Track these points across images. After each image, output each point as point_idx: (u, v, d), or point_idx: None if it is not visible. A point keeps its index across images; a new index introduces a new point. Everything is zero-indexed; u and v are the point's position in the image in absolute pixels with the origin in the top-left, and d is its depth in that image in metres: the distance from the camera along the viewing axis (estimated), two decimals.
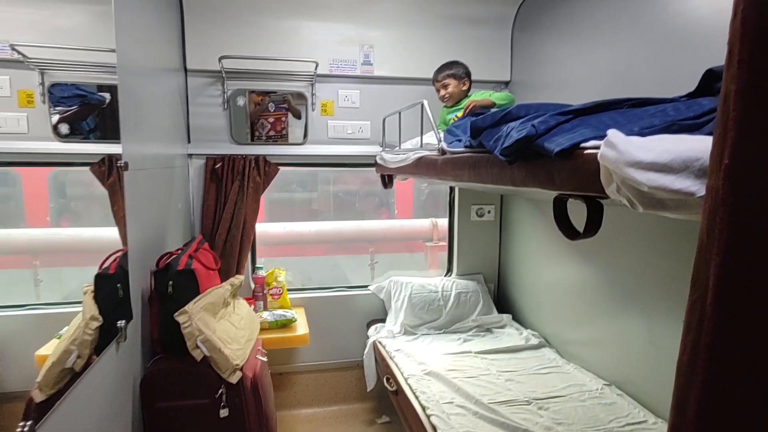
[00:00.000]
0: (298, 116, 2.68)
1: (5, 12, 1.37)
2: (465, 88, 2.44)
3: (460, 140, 1.71)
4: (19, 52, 1.37)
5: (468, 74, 2.47)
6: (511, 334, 2.67)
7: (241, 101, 2.62)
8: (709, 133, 0.91)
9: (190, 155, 2.59)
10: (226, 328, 1.86)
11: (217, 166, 2.57)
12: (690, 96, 1.08)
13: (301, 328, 2.51)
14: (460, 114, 2.30)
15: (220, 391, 1.72)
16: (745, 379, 0.39)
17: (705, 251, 0.42)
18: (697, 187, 0.73)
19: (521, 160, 1.11)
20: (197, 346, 1.69)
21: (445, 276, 3.10)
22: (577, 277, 2.33)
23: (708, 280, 0.41)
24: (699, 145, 0.75)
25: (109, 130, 1.67)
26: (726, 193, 0.39)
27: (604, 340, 2.15)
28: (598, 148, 0.90)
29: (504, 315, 2.84)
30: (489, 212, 3.04)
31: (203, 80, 2.57)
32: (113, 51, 1.62)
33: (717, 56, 1.46)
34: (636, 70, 1.89)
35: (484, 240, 3.08)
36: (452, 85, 2.42)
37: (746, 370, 0.39)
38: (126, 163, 1.57)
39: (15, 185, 1.60)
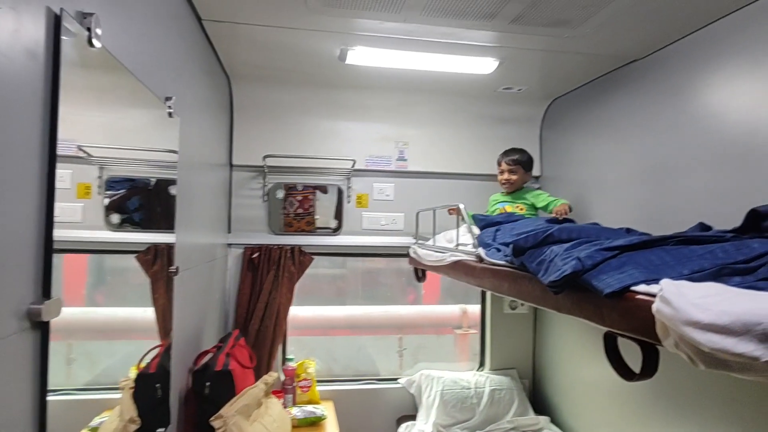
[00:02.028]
0: (325, 191, 2.76)
1: (78, 116, 1.52)
2: (527, 180, 2.47)
3: (498, 250, 1.73)
4: (84, 152, 1.50)
5: (532, 167, 2.50)
6: None
7: (280, 194, 2.75)
8: (765, 279, 0.92)
9: (229, 245, 2.68)
10: (260, 430, 1.83)
11: (254, 255, 2.64)
12: (735, 232, 1.09)
13: (331, 426, 2.43)
14: (509, 208, 2.35)
15: None
16: None
17: None
18: (761, 352, 0.73)
19: (568, 290, 1.12)
20: None
21: (478, 370, 3.01)
22: (619, 380, 2.20)
23: None
24: (757, 307, 0.76)
25: (154, 216, 1.75)
26: None
27: None
28: (649, 294, 0.91)
29: (541, 417, 2.70)
30: (522, 305, 3.00)
31: (246, 174, 2.72)
32: (170, 151, 1.73)
33: (752, 162, 1.49)
34: (664, 170, 1.93)
35: (518, 333, 3.01)
36: (519, 173, 2.43)
37: None
38: (177, 268, 1.64)
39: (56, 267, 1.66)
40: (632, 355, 1.04)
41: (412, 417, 2.76)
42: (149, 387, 1.64)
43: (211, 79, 2.20)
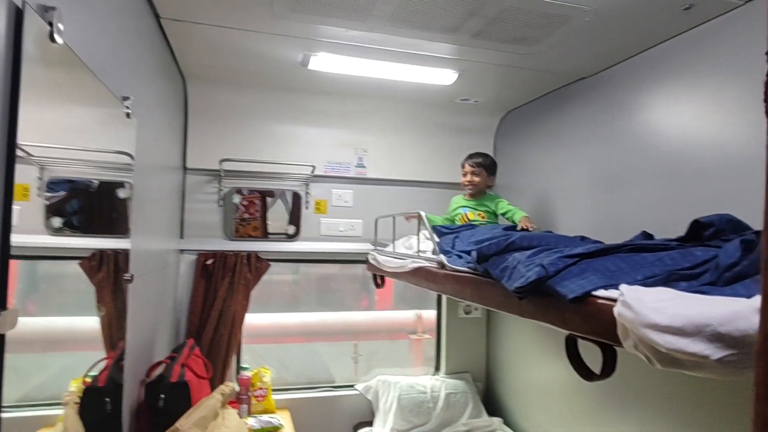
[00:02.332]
0: (272, 195, 2.71)
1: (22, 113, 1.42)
2: (491, 184, 2.48)
3: (460, 256, 1.78)
4: (24, 150, 1.40)
5: (495, 172, 2.50)
6: None
7: (236, 198, 2.68)
8: (710, 283, 1.00)
9: (182, 251, 2.58)
10: None
11: (209, 261, 2.56)
12: (679, 241, 1.19)
13: None
14: (470, 215, 2.40)
15: None
16: None
17: None
18: (711, 351, 0.80)
19: (531, 295, 1.17)
20: None
21: (433, 374, 3.06)
22: (570, 381, 2.34)
23: None
24: (707, 310, 0.83)
25: (96, 220, 1.66)
26: None
27: None
28: (609, 298, 0.97)
29: (494, 419, 2.79)
30: (476, 309, 3.09)
31: (201, 178, 2.63)
32: (121, 153, 1.65)
33: (687, 175, 1.61)
34: (611, 181, 2.07)
35: (472, 337, 3.09)
36: (482, 176, 2.43)
37: None
38: (132, 275, 1.57)
39: None
40: (591, 356, 1.10)
41: (369, 423, 2.77)
42: (98, 401, 1.55)
43: (166, 80, 2.12)
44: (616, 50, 1.96)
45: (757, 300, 0.84)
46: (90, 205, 1.69)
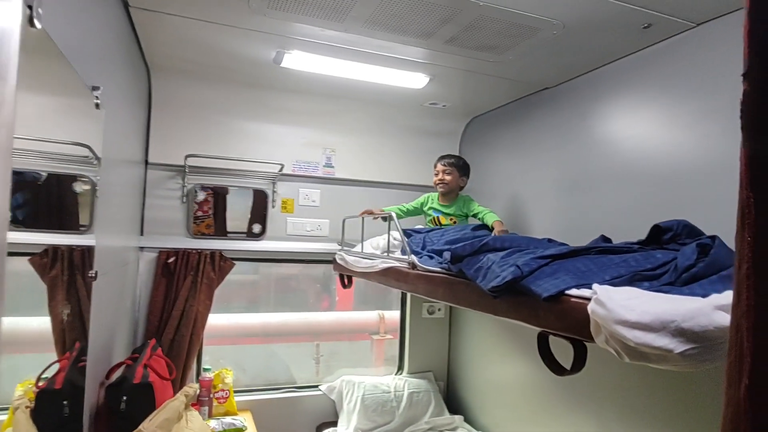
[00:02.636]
0: (226, 193, 2.65)
1: None
2: (462, 185, 2.50)
3: (431, 257, 1.82)
4: None
5: (468, 174, 2.51)
6: None
7: (200, 195, 2.62)
8: (669, 284, 1.08)
9: (142, 248, 2.49)
10: None
11: (170, 260, 2.49)
12: (641, 244, 1.28)
13: None
14: (443, 219, 2.44)
15: None
16: None
17: None
18: (674, 345, 0.87)
19: (505, 294, 1.22)
20: None
21: (396, 374, 3.10)
22: (527, 378, 2.44)
23: None
24: (671, 307, 0.90)
25: (45, 214, 1.58)
26: (746, 406, 0.50)
27: None
28: (582, 297, 1.03)
29: (456, 416, 2.85)
30: (439, 310, 3.15)
31: (163, 173, 2.55)
32: (80, 144, 1.58)
33: (642, 183, 1.71)
34: (574, 186, 2.17)
35: (434, 337, 3.15)
36: (454, 176, 2.44)
37: None
38: (96, 273, 1.50)
39: None
40: (559, 353, 1.16)
41: (333, 423, 2.77)
42: (54, 405, 1.48)
43: (131, 70, 2.04)
44: (580, 63, 2.07)
45: (715, 298, 0.92)
46: (37, 198, 1.60)
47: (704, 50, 1.65)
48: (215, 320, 3.36)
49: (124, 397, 1.65)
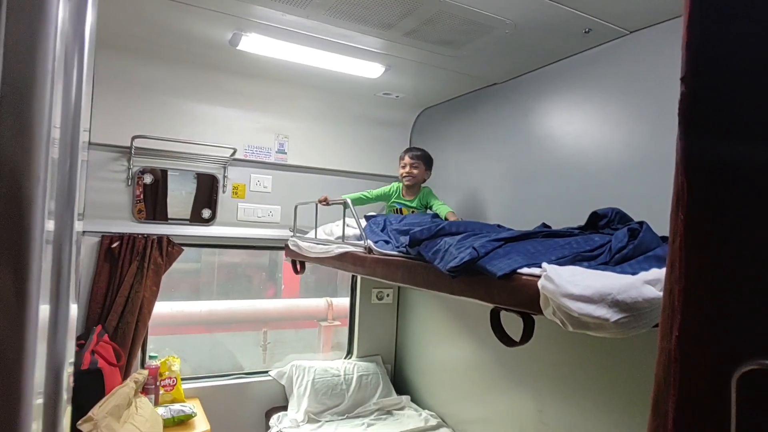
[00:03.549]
0: (158, 177, 2.56)
1: None
2: (426, 178, 2.55)
3: (387, 242, 1.89)
4: None
5: (432, 167, 2.57)
6: (411, 416, 2.79)
7: (148, 179, 2.52)
8: (604, 263, 1.21)
9: (83, 232, 2.37)
10: None
11: (114, 245, 2.39)
12: (582, 229, 1.42)
13: (201, 424, 2.33)
14: (405, 212, 2.49)
15: None
16: None
17: (662, 391, 0.63)
18: (610, 315, 0.99)
19: (462, 275, 1.31)
20: None
21: (346, 358, 3.16)
22: (470, 358, 2.59)
23: (667, 412, 0.61)
24: (608, 283, 1.02)
25: None
26: (676, 355, 0.60)
27: (497, 417, 2.40)
28: (531, 275, 1.14)
29: (403, 397, 2.96)
30: (388, 296, 3.24)
31: (106, 154, 2.44)
32: None
33: (579, 176, 1.88)
34: (517, 178, 2.33)
35: (383, 322, 3.24)
36: (420, 168, 2.49)
37: None
38: None
39: None
40: (509, 327, 1.28)
41: (283, 408, 2.79)
42: None
43: None
44: (527, 62, 2.21)
45: (643, 275, 1.05)
46: None
47: (635, 56, 1.83)
48: (157, 308, 3.27)
49: (72, 384, 1.59)
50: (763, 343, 0.58)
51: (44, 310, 0.63)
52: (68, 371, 0.75)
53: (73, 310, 0.73)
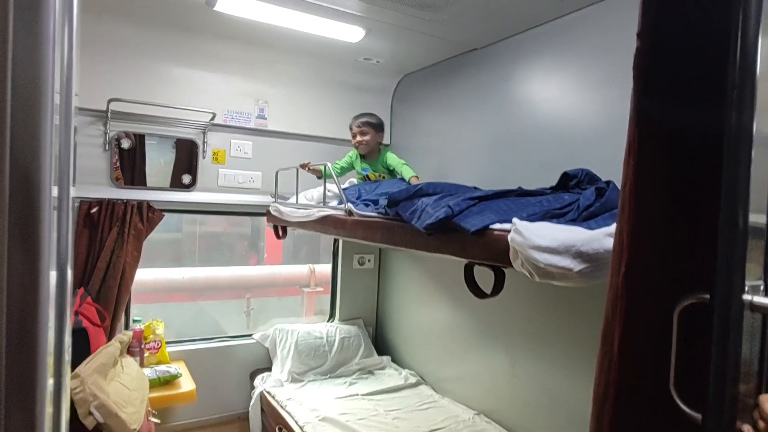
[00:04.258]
0: (136, 142, 2.53)
1: None
2: (380, 141, 2.60)
3: (367, 205, 1.93)
4: None
5: (383, 129, 2.63)
6: (392, 375, 2.90)
7: (125, 143, 2.50)
8: (572, 220, 1.28)
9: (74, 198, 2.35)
10: (119, 390, 1.74)
11: (93, 210, 2.39)
12: (553, 189, 1.48)
13: (187, 384, 2.40)
14: (371, 176, 2.53)
15: None
16: (640, 401, 0.66)
17: (610, 323, 0.69)
18: (574, 265, 1.06)
19: (437, 233, 1.37)
20: (90, 413, 1.56)
21: (328, 321, 3.24)
22: (447, 320, 2.69)
23: (613, 341, 0.68)
24: (573, 235, 1.09)
25: None
26: (623, 290, 0.67)
27: (473, 374, 2.51)
28: (503, 230, 1.20)
29: (384, 357, 3.07)
30: (369, 261, 3.31)
31: (82, 119, 2.39)
32: None
33: (556, 140, 1.94)
34: (496, 143, 2.37)
35: (364, 286, 3.32)
36: (371, 134, 2.54)
37: (640, 397, 0.66)
38: None
39: None
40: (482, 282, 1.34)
41: (267, 369, 2.87)
42: None
43: None
44: (505, 27, 2.22)
45: (606, 229, 1.12)
46: None
47: (610, 21, 1.86)
48: (141, 275, 3.28)
49: None
50: (702, 279, 0.65)
51: (53, 276, 0.65)
52: (68, 334, 0.78)
53: (70, 275, 0.76)
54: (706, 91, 0.65)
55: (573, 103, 2.02)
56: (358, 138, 2.56)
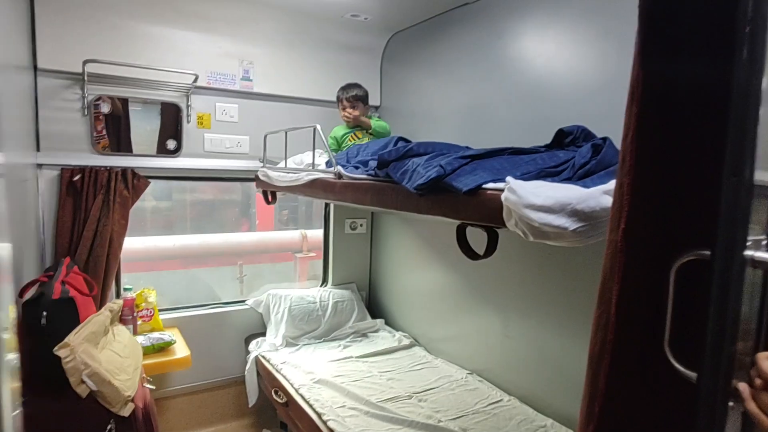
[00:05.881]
0: (118, 108, 2.43)
1: None
2: (367, 113, 2.61)
3: (356, 167, 1.88)
4: None
5: (368, 101, 2.67)
6: (385, 337, 2.93)
7: (105, 107, 2.40)
8: (567, 179, 1.24)
9: (39, 165, 2.28)
10: (111, 358, 1.73)
11: (76, 178, 2.32)
12: (548, 147, 1.43)
13: (181, 350, 2.40)
14: (359, 134, 2.50)
15: (108, 427, 1.60)
16: (635, 360, 0.64)
17: (608, 281, 0.67)
18: (569, 224, 1.03)
19: (428, 194, 1.33)
20: (83, 382, 1.55)
21: (321, 286, 3.24)
22: (440, 282, 2.70)
23: (610, 299, 0.65)
24: (568, 193, 1.05)
25: None
26: (622, 245, 0.64)
27: (465, 335, 2.54)
28: (496, 190, 1.17)
29: (377, 320, 3.09)
30: (361, 225, 3.28)
31: (58, 82, 2.29)
32: None
33: (549, 99, 1.88)
34: (486, 104, 2.31)
35: (357, 251, 3.30)
36: (360, 108, 2.57)
37: (636, 355, 0.64)
38: None
39: None
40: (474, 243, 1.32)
41: (261, 334, 2.88)
42: None
43: None
44: None
45: (603, 186, 1.08)
46: None
47: None
48: (130, 243, 3.24)
49: (44, 313, 1.60)
50: (702, 235, 0.62)
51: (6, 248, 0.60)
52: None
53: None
54: (714, 37, 0.60)
55: (568, 58, 1.94)
56: (348, 111, 2.57)
